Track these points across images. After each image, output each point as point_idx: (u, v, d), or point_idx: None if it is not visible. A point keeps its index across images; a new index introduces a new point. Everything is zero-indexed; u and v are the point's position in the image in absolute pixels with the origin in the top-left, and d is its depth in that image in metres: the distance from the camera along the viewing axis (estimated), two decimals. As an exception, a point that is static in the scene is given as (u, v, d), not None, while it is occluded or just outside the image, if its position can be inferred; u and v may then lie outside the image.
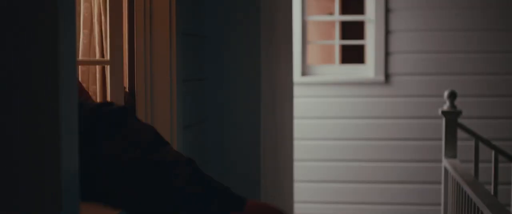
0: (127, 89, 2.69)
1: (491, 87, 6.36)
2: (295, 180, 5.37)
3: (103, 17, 2.78)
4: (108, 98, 2.74)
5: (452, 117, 4.99)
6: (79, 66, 2.96)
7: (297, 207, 6.18)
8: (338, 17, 7.17)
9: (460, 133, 5.06)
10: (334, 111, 6.48)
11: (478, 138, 4.95)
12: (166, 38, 2.67)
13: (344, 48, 9.91)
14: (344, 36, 9.69)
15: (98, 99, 2.92)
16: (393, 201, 6.36)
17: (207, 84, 3.08)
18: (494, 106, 6.36)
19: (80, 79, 2.95)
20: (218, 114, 3.09)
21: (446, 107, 5.03)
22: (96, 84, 2.90)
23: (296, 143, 5.90)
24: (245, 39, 3.10)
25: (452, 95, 5.02)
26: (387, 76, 6.37)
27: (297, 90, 6.15)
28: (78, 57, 2.95)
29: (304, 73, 6.55)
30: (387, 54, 6.37)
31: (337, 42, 7.01)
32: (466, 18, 6.34)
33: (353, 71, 6.61)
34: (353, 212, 6.30)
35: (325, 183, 6.52)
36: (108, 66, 2.64)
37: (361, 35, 7.23)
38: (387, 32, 6.36)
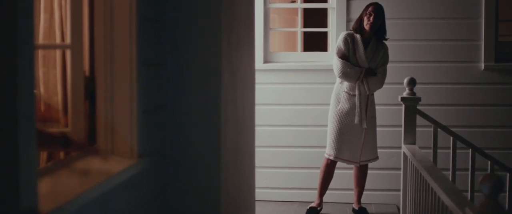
0: (87, 74, 2.69)
1: (450, 75, 6.44)
2: (256, 166, 5.39)
3: (63, 1, 2.76)
4: (68, 83, 2.72)
5: (411, 103, 5.05)
6: (39, 50, 2.95)
7: (258, 192, 6.21)
8: (300, 5, 7.20)
9: (420, 120, 5.12)
10: (296, 97, 6.51)
11: (437, 124, 5.02)
12: (126, 22, 2.66)
13: (308, 38, 9.95)
14: (308, 26, 9.71)
15: (58, 85, 2.91)
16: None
17: (167, 69, 3.08)
18: (453, 93, 6.45)
19: (40, 63, 2.92)
20: (178, 98, 3.09)
21: (405, 93, 5.09)
22: (56, 69, 2.88)
23: (257, 129, 5.92)
24: (206, 25, 3.10)
25: (412, 82, 5.08)
26: (349, 63, 6.40)
27: (259, 77, 6.17)
28: (39, 41, 2.93)
29: (266, 60, 6.56)
30: (348, 41, 6.40)
31: (299, 29, 7.04)
32: (426, 7, 6.41)
33: (315, 58, 6.64)
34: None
35: (288, 169, 6.56)
36: (69, 51, 2.63)
37: (324, 24, 7.25)
38: (349, 20, 6.40)
